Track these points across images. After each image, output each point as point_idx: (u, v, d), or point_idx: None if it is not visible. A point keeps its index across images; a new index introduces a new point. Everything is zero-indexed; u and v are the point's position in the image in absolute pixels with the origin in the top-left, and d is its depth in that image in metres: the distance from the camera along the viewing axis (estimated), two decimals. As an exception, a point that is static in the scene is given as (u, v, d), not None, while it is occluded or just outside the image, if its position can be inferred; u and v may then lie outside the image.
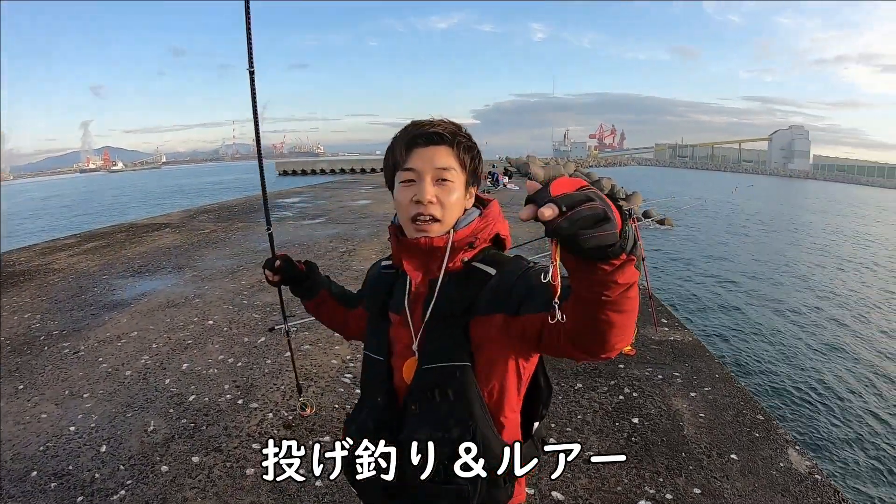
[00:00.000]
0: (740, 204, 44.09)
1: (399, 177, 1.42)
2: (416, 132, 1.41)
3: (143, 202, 53.97)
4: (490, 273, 1.38)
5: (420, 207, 1.37)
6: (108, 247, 11.31)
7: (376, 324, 1.54)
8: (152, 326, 6.21)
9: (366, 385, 1.57)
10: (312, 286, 1.92)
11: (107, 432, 4.00)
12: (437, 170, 1.38)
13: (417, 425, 1.37)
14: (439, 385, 1.35)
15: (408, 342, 1.43)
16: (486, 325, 1.33)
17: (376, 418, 1.46)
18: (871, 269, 23.26)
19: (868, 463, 7.37)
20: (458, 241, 1.40)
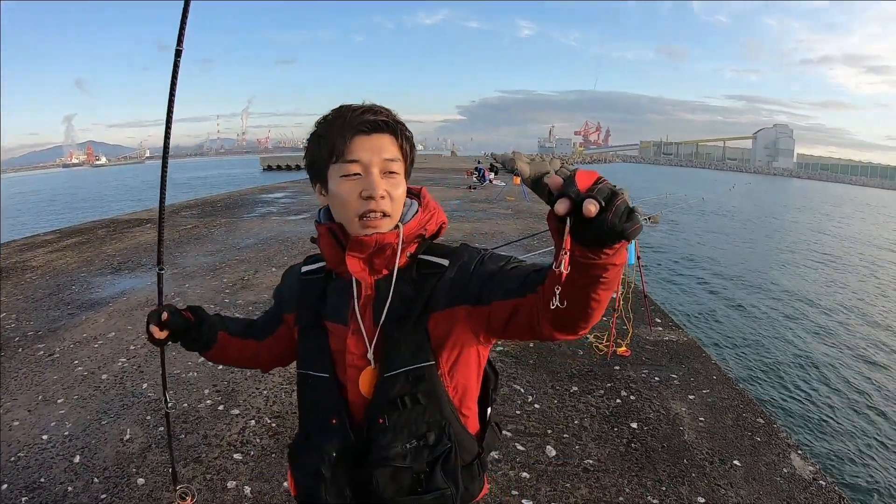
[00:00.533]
0: (738, 203, 44.31)
1: (339, 169, 1.27)
2: (359, 118, 1.26)
3: (126, 197, 53.53)
4: (443, 265, 1.32)
5: (371, 203, 1.25)
6: (88, 243, 11.05)
7: (311, 338, 1.40)
8: (130, 327, 5.99)
9: (311, 409, 1.42)
10: (207, 334, 1.61)
11: (81, 441, 3.78)
12: (385, 161, 1.27)
13: (390, 440, 1.29)
14: (408, 391, 1.28)
15: (361, 351, 1.31)
16: (447, 320, 1.28)
17: (337, 443, 1.34)
18: (863, 266, 23.41)
19: (866, 461, 7.29)
20: (407, 235, 1.31)
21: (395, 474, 1.29)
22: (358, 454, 1.32)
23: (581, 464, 3.57)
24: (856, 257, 25.63)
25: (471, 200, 19.34)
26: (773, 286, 17.51)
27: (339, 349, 1.34)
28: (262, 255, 9.65)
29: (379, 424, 1.29)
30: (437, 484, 1.30)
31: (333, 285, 1.39)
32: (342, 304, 1.36)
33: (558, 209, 0.82)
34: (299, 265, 1.53)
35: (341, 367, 1.34)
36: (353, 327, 1.32)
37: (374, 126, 1.26)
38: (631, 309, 5.94)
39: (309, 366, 1.40)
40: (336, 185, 1.27)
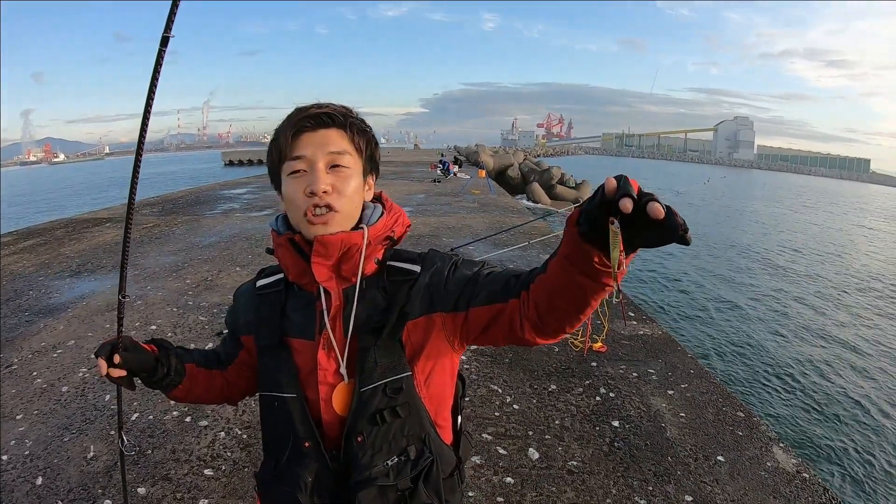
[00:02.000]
0: (707, 196, 44.73)
1: (286, 168, 1.23)
2: (301, 115, 1.23)
3: (85, 195, 52.49)
4: (415, 271, 1.28)
5: (314, 199, 1.18)
6: (46, 245, 10.67)
7: (274, 357, 1.31)
8: (91, 334, 5.75)
9: (279, 432, 1.31)
10: (175, 369, 1.42)
11: (43, 461, 3.57)
12: (331, 154, 1.22)
13: (371, 457, 1.23)
14: (387, 405, 1.23)
15: (333, 367, 1.25)
16: (422, 329, 1.25)
17: (313, 468, 1.26)
18: (826, 255, 23.84)
19: (844, 451, 7.36)
20: (374, 237, 1.25)
21: (381, 493, 1.22)
22: (335, 477, 1.26)
23: (565, 466, 3.49)
24: (829, 247, 26.17)
25: (436, 194, 19.18)
26: (743, 278, 17.74)
27: (307, 367, 1.27)
28: (226, 254, 9.43)
29: (357, 443, 1.23)
30: (421, 499, 1.25)
31: (294, 299, 1.32)
32: (306, 318, 1.28)
33: (625, 206, 0.80)
34: (250, 282, 1.43)
35: (310, 385, 1.26)
36: (323, 341, 1.25)
37: (318, 121, 1.22)
38: (606, 304, 5.88)
39: (274, 387, 1.30)
40: (285, 185, 1.23)
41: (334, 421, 1.26)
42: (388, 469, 1.23)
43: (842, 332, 12.72)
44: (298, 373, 1.27)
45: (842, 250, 25.77)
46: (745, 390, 9.04)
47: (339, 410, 1.25)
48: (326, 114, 1.23)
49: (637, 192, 0.82)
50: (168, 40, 1.25)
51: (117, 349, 1.33)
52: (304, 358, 1.27)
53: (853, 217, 44.84)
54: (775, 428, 7.43)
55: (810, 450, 7.30)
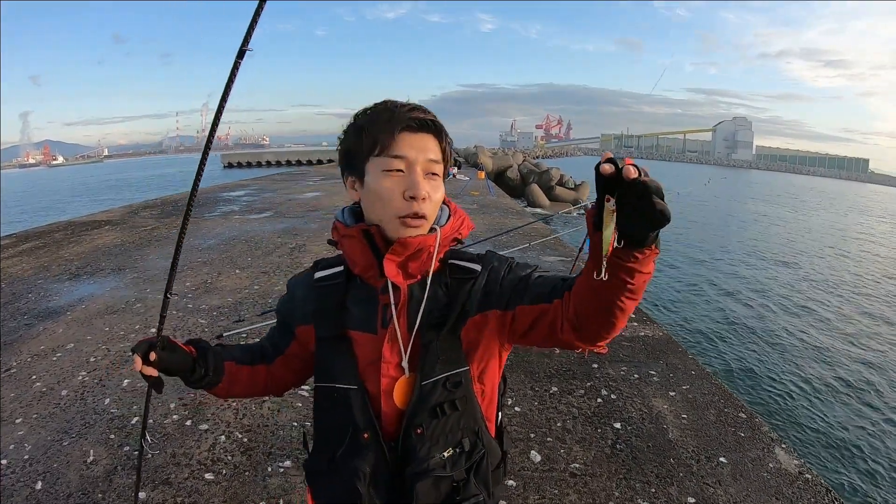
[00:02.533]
0: (706, 196, 44.70)
1: (382, 163, 1.24)
2: (407, 115, 1.24)
3: (84, 197, 52.43)
4: (475, 270, 1.32)
5: (413, 205, 1.22)
6: (45, 247, 10.62)
7: (335, 348, 1.32)
8: (90, 337, 5.72)
9: (336, 424, 1.32)
10: (213, 368, 1.45)
11: (42, 465, 3.54)
12: (429, 161, 1.26)
13: (429, 449, 1.26)
14: (446, 398, 1.27)
15: (396, 360, 1.27)
16: (479, 326, 1.29)
17: (371, 459, 1.28)
18: (826, 255, 23.84)
19: (847, 452, 7.35)
20: (444, 239, 1.29)
21: (436, 484, 1.26)
22: (391, 469, 1.28)
23: (567, 468, 3.48)
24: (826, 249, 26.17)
25: (436, 195, 18.84)
26: (744, 279, 17.74)
27: (366, 359, 1.29)
28: (225, 257, 9.39)
29: (416, 435, 1.26)
30: (472, 491, 1.28)
31: (356, 292, 1.33)
32: (368, 312, 1.31)
33: (605, 168, 0.88)
34: (307, 272, 1.45)
35: (370, 377, 1.29)
36: (389, 335, 1.27)
37: (422, 125, 1.25)
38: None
39: (333, 378, 1.32)
40: (376, 180, 1.24)
41: (392, 413, 1.28)
42: (445, 461, 1.27)
43: (845, 332, 12.74)
44: (357, 365, 1.29)
45: (844, 251, 25.77)
46: (746, 391, 9.03)
47: (399, 403, 1.27)
48: (431, 120, 1.26)
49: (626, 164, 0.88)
50: (245, 53, 1.30)
51: (155, 347, 1.35)
52: (364, 350, 1.29)
53: (855, 218, 44.84)
54: (777, 429, 7.43)
55: (813, 450, 7.29)
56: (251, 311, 6.28)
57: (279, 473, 3.42)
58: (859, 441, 7.66)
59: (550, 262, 8.93)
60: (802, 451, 7.04)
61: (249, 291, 7.21)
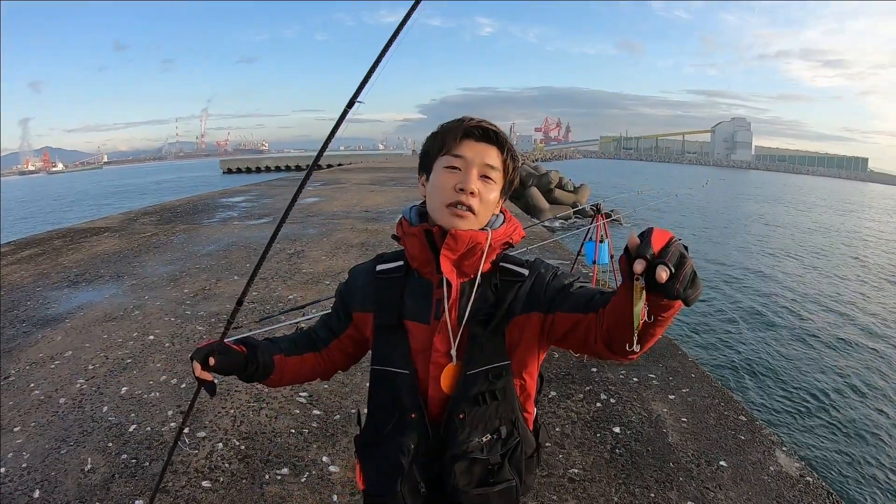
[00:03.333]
0: (706, 197, 44.68)
1: (444, 161, 1.41)
2: (472, 124, 1.41)
3: (83, 204, 52.41)
4: (523, 273, 1.44)
5: (461, 195, 1.37)
6: (44, 255, 10.60)
7: (391, 335, 1.46)
8: (88, 344, 5.71)
9: (389, 404, 1.48)
10: (263, 363, 1.58)
11: (40, 473, 3.54)
12: (485, 165, 1.40)
13: (468, 433, 1.40)
14: (488, 388, 1.40)
15: (445, 349, 1.40)
16: (523, 325, 1.40)
17: (415, 437, 1.43)
18: (824, 257, 23.84)
19: (848, 454, 7.33)
20: (495, 240, 1.41)
21: (471, 466, 1.40)
22: (432, 449, 1.42)
23: (566, 474, 3.46)
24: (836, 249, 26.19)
25: (435, 199, 18.80)
26: (742, 280, 17.73)
27: (418, 347, 1.42)
28: (224, 263, 9.37)
29: (458, 420, 1.40)
30: (505, 476, 1.43)
31: (413, 285, 1.46)
32: (422, 304, 1.43)
33: (636, 268, 0.97)
34: (369, 263, 1.57)
35: (420, 364, 1.42)
36: (441, 325, 1.40)
37: (485, 134, 1.41)
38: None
39: (388, 362, 1.45)
40: (438, 174, 1.41)
41: (438, 398, 1.42)
42: (482, 445, 1.41)
43: (847, 333, 12.71)
44: (410, 351, 1.42)
45: (848, 252, 25.76)
46: (746, 394, 9.01)
47: (446, 389, 1.41)
48: (494, 131, 1.42)
49: (660, 248, 0.97)
50: (354, 103, 1.48)
51: (214, 353, 1.50)
52: (417, 339, 1.42)
53: (857, 217, 44.81)
54: (778, 431, 7.41)
55: (814, 453, 7.27)
56: (250, 318, 6.26)
57: (276, 481, 3.41)
58: (861, 443, 7.65)
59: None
60: (804, 454, 7.02)
61: (248, 298, 7.13)
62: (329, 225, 13.12)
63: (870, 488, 6.62)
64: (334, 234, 11.86)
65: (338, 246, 10.45)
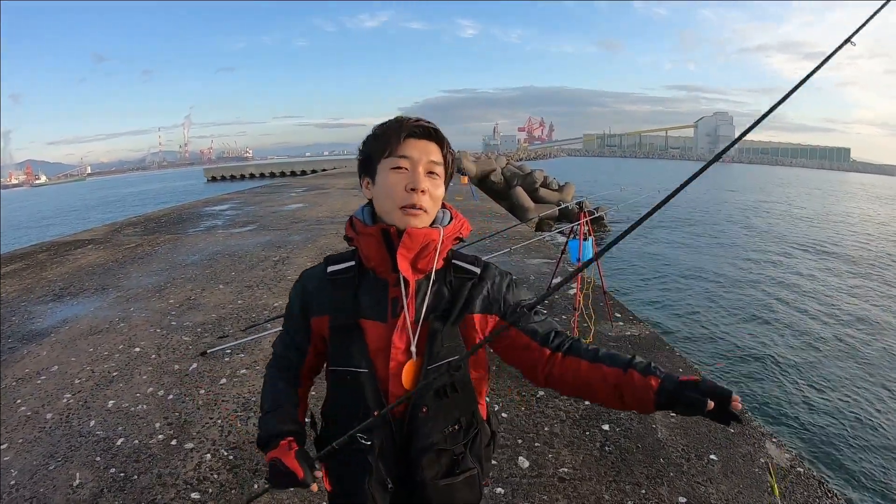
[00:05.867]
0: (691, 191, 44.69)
1: (390, 163, 1.43)
2: (412, 124, 1.44)
3: (67, 217, 51.99)
4: (475, 271, 1.50)
5: (413, 196, 1.40)
6: (28, 269, 10.52)
7: (347, 335, 1.46)
8: (74, 358, 5.66)
9: (348, 403, 1.48)
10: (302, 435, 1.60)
11: (28, 490, 3.50)
12: (430, 162, 1.44)
13: (431, 427, 1.44)
14: (448, 381, 1.43)
15: (404, 346, 1.42)
16: (477, 323, 1.47)
17: (380, 434, 1.45)
18: (814, 243, 23.98)
19: (839, 443, 7.36)
20: (447, 237, 1.46)
21: (438, 457, 1.46)
22: (399, 444, 1.45)
23: (556, 473, 3.46)
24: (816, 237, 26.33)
25: (420, 202, 18.76)
26: (727, 272, 17.78)
27: (376, 345, 1.44)
28: (209, 272, 9.33)
29: (422, 414, 1.43)
30: (468, 464, 1.50)
31: (368, 285, 1.47)
32: (378, 302, 1.45)
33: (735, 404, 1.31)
34: (318, 267, 1.57)
35: (379, 361, 1.43)
36: (400, 323, 1.42)
37: (426, 132, 1.45)
38: (591, 306, 5.87)
39: (347, 362, 1.45)
40: (385, 176, 1.43)
41: (399, 394, 1.42)
42: (446, 436, 1.47)
43: (831, 320, 12.79)
44: (368, 350, 1.43)
45: (830, 239, 25.91)
46: (735, 386, 9.04)
47: (406, 384, 1.42)
48: (433, 128, 1.46)
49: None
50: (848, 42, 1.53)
51: (314, 467, 1.48)
52: (374, 337, 1.44)
53: (838, 203, 45.09)
54: (768, 423, 7.44)
55: (804, 443, 7.30)
56: (235, 327, 6.24)
57: (266, 490, 3.39)
58: (851, 431, 7.68)
59: (535, 264, 8.93)
60: (793, 445, 7.06)
61: (234, 307, 7.16)
62: (314, 231, 13.10)
63: (862, 476, 6.65)
64: (319, 239, 11.84)
65: (323, 251, 10.38)
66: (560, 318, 6.20)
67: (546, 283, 7.17)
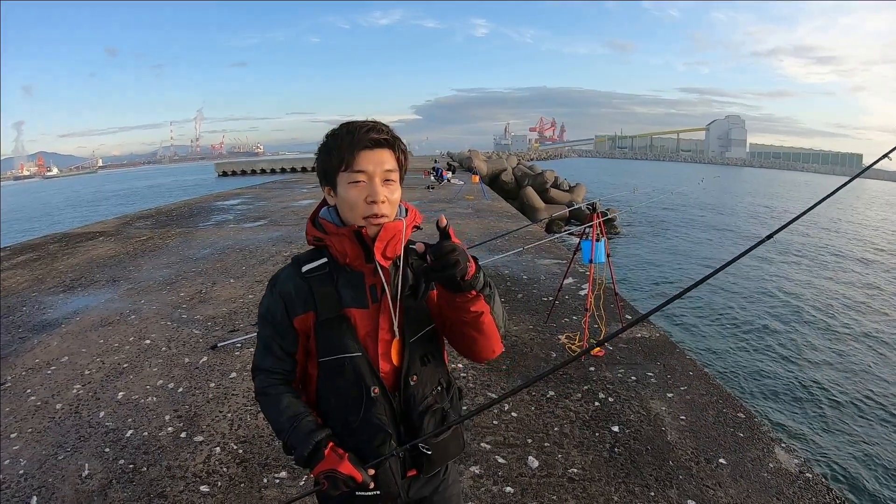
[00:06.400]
0: (702, 194, 44.66)
1: (347, 178, 1.51)
2: (363, 136, 1.51)
3: (79, 209, 52.20)
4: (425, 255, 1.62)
5: (374, 207, 1.50)
6: (39, 260, 10.59)
7: (337, 326, 1.55)
8: (84, 349, 5.69)
9: (347, 388, 1.57)
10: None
11: (37, 480, 3.52)
12: (386, 171, 1.53)
13: (423, 393, 1.62)
14: (428, 350, 1.64)
15: (388, 327, 1.57)
16: (433, 297, 1.63)
17: (388, 410, 1.58)
18: (827, 255, 23.82)
19: (848, 450, 7.32)
20: (408, 227, 1.59)
21: (434, 416, 1.63)
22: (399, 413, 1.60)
23: (565, 473, 3.45)
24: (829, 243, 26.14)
25: (430, 201, 19.14)
26: (738, 275, 17.69)
27: (365, 330, 1.56)
28: (220, 266, 9.37)
29: (413, 382, 1.60)
30: (451, 417, 1.69)
31: (345, 278, 1.57)
32: (357, 292, 1.57)
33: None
34: (290, 269, 1.63)
35: (370, 344, 1.56)
36: (383, 307, 1.56)
37: (377, 143, 1.51)
38: (603, 307, 5.84)
39: (341, 350, 1.55)
40: (345, 190, 1.52)
41: (390, 369, 1.59)
42: (435, 397, 1.66)
43: (842, 328, 12.71)
44: (358, 335, 1.55)
45: (846, 246, 25.75)
46: (744, 391, 9.00)
47: (395, 361, 1.59)
48: (384, 138, 1.52)
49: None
50: None
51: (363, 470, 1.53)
52: (361, 323, 1.56)
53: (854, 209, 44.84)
54: (777, 428, 7.41)
55: (813, 450, 7.26)
56: (245, 321, 6.25)
57: (275, 484, 3.40)
58: (861, 439, 7.64)
59: (546, 264, 8.90)
60: (803, 451, 7.02)
61: (244, 301, 7.17)
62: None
63: (871, 484, 6.61)
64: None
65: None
66: (571, 318, 6.21)
67: (557, 284, 7.13)
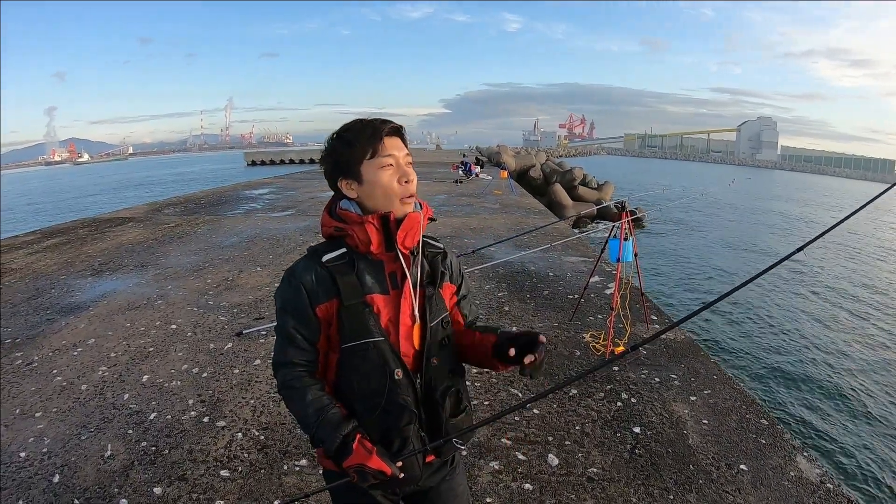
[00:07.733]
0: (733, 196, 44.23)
1: (377, 163, 1.59)
2: (382, 125, 1.62)
3: (108, 195, 52.84)
4: (440, 247, 1.80)
5: (409, 187, 1.62)
6: (69, 244, 10.76)
7: (360, 311, 1.58)
8: (111, 332, 5.77)
9: (371, 372, 1.59)
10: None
11: (60, 458, 3.57)
12: (406, 156, 1.65)
13: (444, 374, 1.70)
14: (444, 334, 1.71)
15: (409, 312, 1.63)
16: (447, 289, 1.78)
17: (411, 391, 1.62)
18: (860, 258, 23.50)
19: (869, 461, 7.22)
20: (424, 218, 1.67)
21: (452, 396, 1.71)
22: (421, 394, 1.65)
23: (585, 473, 3.43)
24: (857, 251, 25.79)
25: (458, 195, 19.14)
26: (767, 281, 17.48)
27: (384, 315, 1.61)
28: (247, 254, 9.45)
29: (434, 364, 1.66)
30: (465, 401, 1.77)
31: (366, 266, 1.62)
32: (378, 279, 1.62)
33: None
34: (307, 261, 1.65)
35: (391, 328, 1.61)
36: (405, 293, 1.63)
37: (395, 130, 1.64)
38: (628, 307, 5.80)
39: (366, 335, 1.58)
40: (376, 176, 1.59)
41: (411, 353, 1.65)
42: (453, 379, 1.74)
43: (877, 336, 12.53)
44: (381, 320, 1.60)
45: (868, 253, 25.38)
46: (768, 397, 8.91)
47: (416, 344, 1.65)
48: (398, 127, 1.65)
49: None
50: None
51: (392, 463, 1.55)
52: (383, 309, 1.61)
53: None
54: (799, 436, 7.32)
55: (836, 461, 7.17)
56: (271, 309, 6.28)
57: (295, 472, 3.41)
58: (884, 450, 7.53)
59: (573, 262, 8.84)
60: (824, 460, 6.93)
61: (270, 289, 7.21)
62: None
63: (891, 496, 6.52)
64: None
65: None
66: (596, 317, 6.17)
67: (583, 281, 7.10)
